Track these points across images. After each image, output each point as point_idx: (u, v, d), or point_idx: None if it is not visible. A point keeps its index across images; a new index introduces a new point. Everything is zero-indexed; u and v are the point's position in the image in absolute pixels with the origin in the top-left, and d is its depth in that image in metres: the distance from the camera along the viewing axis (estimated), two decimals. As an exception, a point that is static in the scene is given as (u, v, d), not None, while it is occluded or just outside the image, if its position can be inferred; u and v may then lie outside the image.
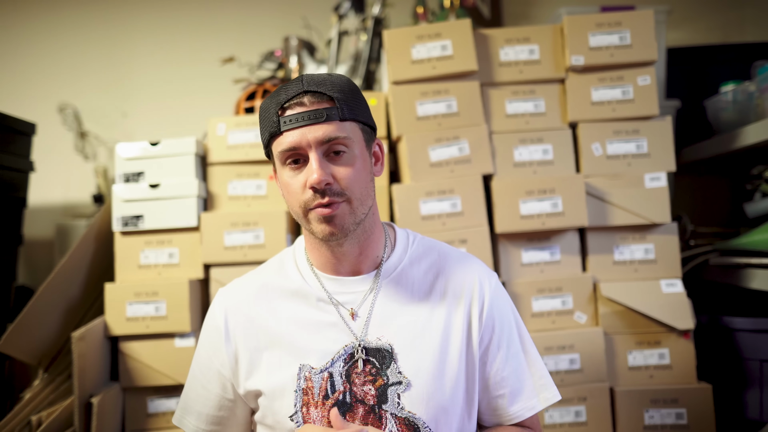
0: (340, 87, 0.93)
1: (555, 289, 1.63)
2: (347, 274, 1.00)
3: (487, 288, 1.01)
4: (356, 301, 0.99)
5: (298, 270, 1.03)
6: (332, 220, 0.91)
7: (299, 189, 0.91)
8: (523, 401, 1.00)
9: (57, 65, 2.78)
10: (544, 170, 1.69)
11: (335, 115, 0.90)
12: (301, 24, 2.48)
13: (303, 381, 0.94)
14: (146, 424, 1.67)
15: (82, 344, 1.54)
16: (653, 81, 1.69)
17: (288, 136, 0.90)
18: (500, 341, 1.00)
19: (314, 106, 0.90)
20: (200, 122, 1.94)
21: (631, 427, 1.58)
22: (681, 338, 1.62)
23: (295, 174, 0.92)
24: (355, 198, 0.92)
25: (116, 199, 1.71)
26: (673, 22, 2.37)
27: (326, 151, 0.91)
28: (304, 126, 0.89)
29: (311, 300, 0.99)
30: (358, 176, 0.92)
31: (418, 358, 0.95)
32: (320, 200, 0.90)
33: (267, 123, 0.93)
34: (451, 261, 1.04)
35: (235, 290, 1.05)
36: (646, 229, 1.68)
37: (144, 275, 1.71)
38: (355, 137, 0.93)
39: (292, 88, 0.92)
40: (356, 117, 0.93)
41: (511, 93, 1.73)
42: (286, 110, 0.91)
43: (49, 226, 2.60)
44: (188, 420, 1.03)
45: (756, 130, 1.67)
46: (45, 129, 2.38)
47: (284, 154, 0.92)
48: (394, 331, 0.96)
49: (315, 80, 0.92)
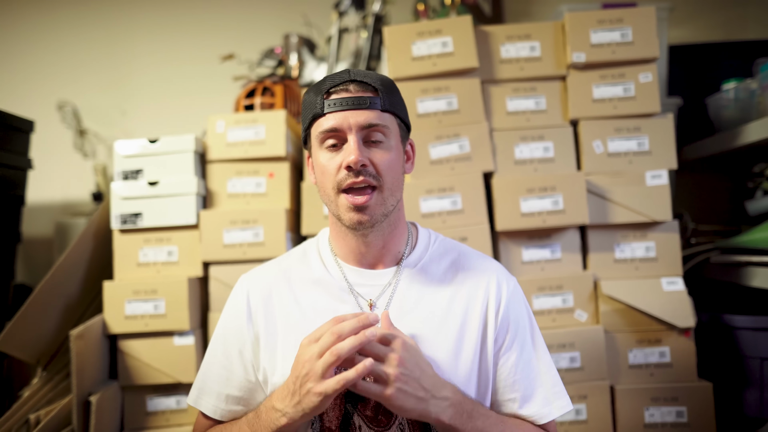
0: (383, 81, 0.99)
1: (555, 287, 1.63)
2: (369, 266, 1.03)
3: (505, 290, 1.03)
4: (376, 293, 1.01)
5: (321, 260, 1.06)
6: (363, 210, 0.94)
7: (334, 170, 0.95)
8: (535, 407, 1.00)
9: (56, 63, 2.78)
10: (544, 168, 1.69)
11: (377, 104, 0.95)
12: (302, 21, 2.48)
13: None
14: (145, 423, 1.66)
15: (80, 342, 1.53)
16: (655, 78, 1.68)
17: (330, 118, 0.95)
18: (513, 343, 1.01)
19: (358, 93, 0.95)
20: (200, 120, 1.93)
21: (631, 425, 1.57)
22: (682, 336, 1.61)
23: (333, 156, 0.96)
24: (387, 186, 0.95)
25: (115, 196, 1.71)
26: (675, 19, 2.36)
27: (365, 137, 0.95)
28: (347, 110, 0.94)
29: (332, 289, 1.01)
30: (392, 164, 0.96)
31: (432, 354, 0.96)
32: (354, 179, 0.93)
33: (310, 106, 0.98)
34: (471, 261, 1.06)
35: (258, 276, 1.07)
36: (647, 227, 1.67)
37: (143, 273, 1.70)
38: (392, 129, 0.98)
39: (338, 77, 0.97)
40: (396, 111, 0.99)
41: (512, 90, 1.72)
42: (331, 95, 0.96)
43: (48, 225, 2.59)
44: (205, 400, 1.04)
45: (757, 128, 1.67)
46: (44, 127, 2.37)
47: (324, 134, 0.96)
48: (411, 326, 0.98)
49: (360, 72, 0.98)
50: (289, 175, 1.75)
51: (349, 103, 0.94)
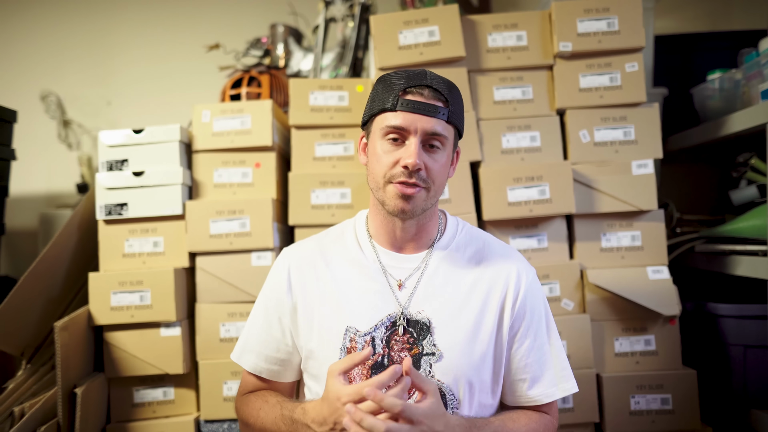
0: (452, 91, 1.06)
1: (542, 276, 1.63)
2: (401, 251, 1.12)
3: (524, 281, 1.11)
4: (405, 275, 1.10)
5: (357, 240, 1.15)
6: (408, 200, 1.02)
7: (390, 163, 1.02)
8: (542, 388, 1.10)
9: (39, 52, 2.74)
10: (531, 157, 1.69)
11: (444, 115, 1.03)
12: (288, 11, 2.45)
13: (348, 341, 1.06)
14: (132, 415, 1.66)
15: (65, 334, 1.52)
16: (641, 67, 1.69)
17: (399, 116, 1.02)
18: (528, 331, 1.10)
19: (431, 100, 1.02)
20: (186, 110, 1.91)
21: (617, 412, 1.59)
22: (667, 324, 1.63)
23: (392, 149, 1.03)
24: (434, 189, 1.05)
25: (99, 187, 1.69)
26: (661, 9, 2.37)
27: (425, 141, 1.03)
28: (417, 113, 1.01)
29: (365, 269, 1.11)
30: (442, 171, 1.05)
31: (452, 334, 1.05)
32: (407, 179, 1.01)
33: (383, 97, 1.04)
34: (494, 251, 1.15)
35: (299, 250, 1.18)
36: (633, 216, 1.68)
37: (128, 264, 1.68)
38: (450, 139, 1.06)
39: (416, 78, 1.03)
40: (457, 123, 1.07)
41: (499, 80, 1.72)
42: (406, 94, 1.02)
43: (32, 216, 2.56)
44: (247, 357, 1.15)
45: (742, 118, 1.67)
46: (27, 117, 2.34)
47: (390, 129, 1.03)
48: (434, 307, 1.07)
49: (437, 79, 1.05)
50: (275, 165, 1.74)
51: (420, 108, 1.01)
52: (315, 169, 1.75)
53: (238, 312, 1.66)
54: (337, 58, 2.21)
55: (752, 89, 1.73)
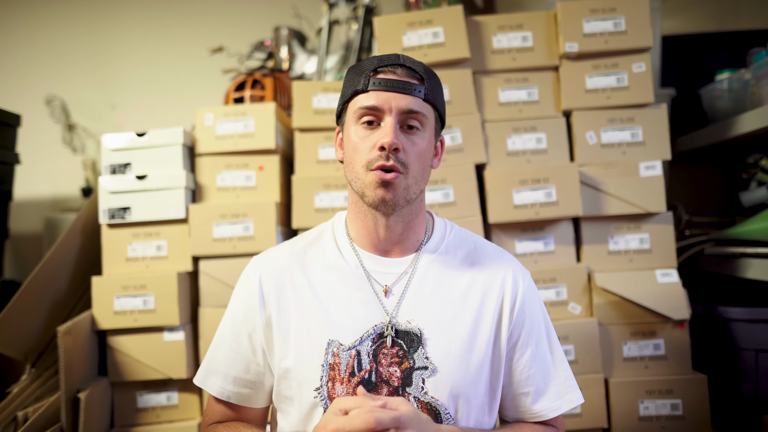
0: (428, 72, 0.99)
1: (549, 279, 1.61)
2: (385, 254, 1.02)
3: (521, 284, 1.02)
4: (391, 280, 1.00)
5: (336, 244, 1.04)
6: (388, 187, 0.93)
7: (367, 148, 0.94)
8: (547, 401, 1.01)
9: (44, 57, 2.74)
10: (537, 159, 1.67)
11: (421, 93, 0.96)
12: (292, 13, 2.45)
13: (330, 356, 0.95)
14: (135, 419, 1.64)
15: (68, 338, 1.51)
16: (648, 68, 1.67)
17: (372, 96, 0.95)
18: (529, 339, 1.01)
19: (405, 78, 0.96)
20: (190, 114, 1.90)
21: (626, 418, 1.56)
22: (676, 328, 1.60)
23: (367, 134, 0.95)
24: (412, 175, 0.95)
25: (103, 190, 1.68)
26: (668, 9, 2.35)
27: (402, 121, 0.95)
28: (390, 91, 0.94)
29: (347, 275, 1.00)
30: (421, 155, 0.96)
31: (446, 346, 0.96)
32: (384, 162, 0.93)
33: (354, 81, 0.98)
34: (486, 254, 1.06)
35: (270, 259, 1.05)
36: (641, 218, 1.66)
37: (132, 268, 1.68)
38: (429, 120, 0.98)
39: (387, 58, 0.97)
40: (436, 103, 0.99)
41: (504, 81, 1.70)
42: (378, 74, 0.96)
43: (37, 220, 2.56)
44: (213, 380, 1.02)
45: (751, 119, 1.65)
46: (32, 121, 2.34)
47: (363, 110, 0.95)
48: (426, 316, 0.97)
49: (409, 59, 0.99)
50: (279, 168, 1.73)
51: (394, 86, 0.94)
52: (319, 172, 1.74)
53: (241, 316, 1.65)
54: (341, 60, 2.20)
55: (762, 89, 1.70)
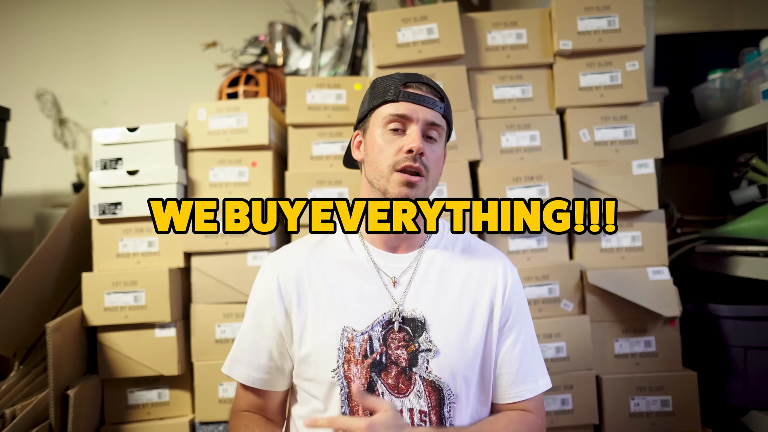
0: (444, 94, 1.14)
1: (542, 277, 1.62)
2: (394, 250, 1.15)
3: (510, 276, 1.16)
4: (398, 273, 1.13)
5: (347, 240, 1.17)
6: (412, 188, 1.07)
7: (393, 151, 1.08)
8: (525, 383, 1.13)
9: (34, 50, 2.72)
10: (531, 157, 1.67)
11: (441, 109, 1.11)
12: (286, 9, 2.44)
13: (345, 341, 1.06)
14: (126, 416, 1.63)
15: (57, 335, 1.50)
16: (641, 66, 1.67)
17: (403, 106, 1.09)
18: (513, 324, 1.14)
19: (430, 94, 1.11)
20: (183, 109, 1.89)
21: (617, 414, 1.57)
22: (667, 326, 1.61)
23: (393, 138, 1.09)
24: (431, 178, 1.10)
25: (93, 185, 1.67)
26: (662, 8, 2.35)
27: (424, 131, 1.09)
28: (419, 104, 1.09)
29: (358, 268, 1.13)
30: (438, 162, 1.12)
31: (446, 330, 1.08)
32: (411, 163, 1.06)
33: (383, 90, 1.11)
34: (480, 249, 1.21)
35: (286, 256, 1.17)
36: (634, 216, 1.66)
37: (122, 264, 1.66)
38: (444, 133, 1.14)
39: (414, 76, 1.13)
40: (449, 120, 1.15)
41: (499, 78, 1.70)
42: (408, 87, 1.10)
43: (27, 215, 2.54)
44: (239, 368, 1.14)
45: (743, 118, 1.66)
46: (22, 116, 2.32)
47: (393, 117, 1.09)
48: (428, 305, 1.10)
49: (431, 80, 1.14)
50: (272, 164, 1.72)
51: (421, 99, 1.09)
52: (312, 168, 1.73)
53: (233, 312, 1.64)
54: (336, 56, 2.19)
55: (753, 89, 1.71)
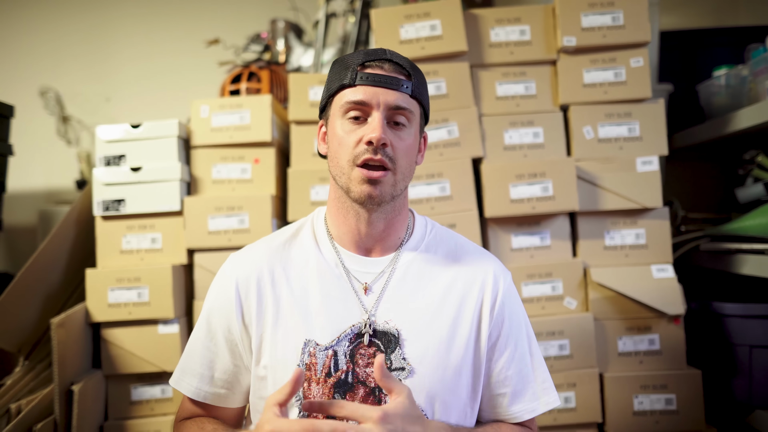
0: (414, 68, 0.98)
1: (545, 274, 1.61)
2: (367, 253, 1.01)
3: (501, 285, 1.01)
4: (371, 278, 0.99)
5: (315, 241, 1.02)
6: (375, 184, 0.92)
7: (353, 143, 0.93)
8: (524, 403, 1.00)
9: (37, 48, 2.72)
10: (534, 153, 1.67)
11: (408, 88, 0.95)
12: (289, 6, 2.43)
13: (307, 356, 0.93)
14: (130, 412, 1.64)
15: (61, 331, 1.50)
16: (646, 63, 1.66)
17: (360, 91, 0.93)
18: (508, 339, 1.00)
19: (392, 73, 0.95)
20: (186, 106, 1.89)
21: (620, 412, 1.57)
22: (671, 324, 1.60)
23: (354, 129, 0.94)
24: (400, 171, 0.94)
25: (97, 182, 1.67)
26: (667, 5, 2.34)
27: (389, 117, 0.94)
28: (378, 87, 0.93)
29: (325, 273, 0.98)
30: (408, 151, 0.96)
31: (423, 347, 0.94)
32: (372, 156, 0.92)
33: (340, 74, 0.96)
34: (467, 253, 1.05)
35: (248, 256, 1.03)
36: (638, 213, 1.66)
37: (126, 261, 1.67)
38: (415, 116, 0.97)
39: (374, 53, 0.96)
40: (422, 99, 0.99)
41: (502, 75, 1.70)
42: (365, 68, 0.94)
43: (31, 212, 2.54)
44: (188, 381, 1.00)
45: (748, 115, 1.65)
46: (25, 113, 2.32)
47: (350, 105, 0.94)
48: (404, 316, 0.96)
49: (396, 54, 0.98)
50: (275, 161, 1.72)
51: (382, 81, 0.93)
52: (315, 165, 1.73)
53: (236, 309, 1.64)
54: (338, 53, 2.19)
55: (759, 85, 1.70)
